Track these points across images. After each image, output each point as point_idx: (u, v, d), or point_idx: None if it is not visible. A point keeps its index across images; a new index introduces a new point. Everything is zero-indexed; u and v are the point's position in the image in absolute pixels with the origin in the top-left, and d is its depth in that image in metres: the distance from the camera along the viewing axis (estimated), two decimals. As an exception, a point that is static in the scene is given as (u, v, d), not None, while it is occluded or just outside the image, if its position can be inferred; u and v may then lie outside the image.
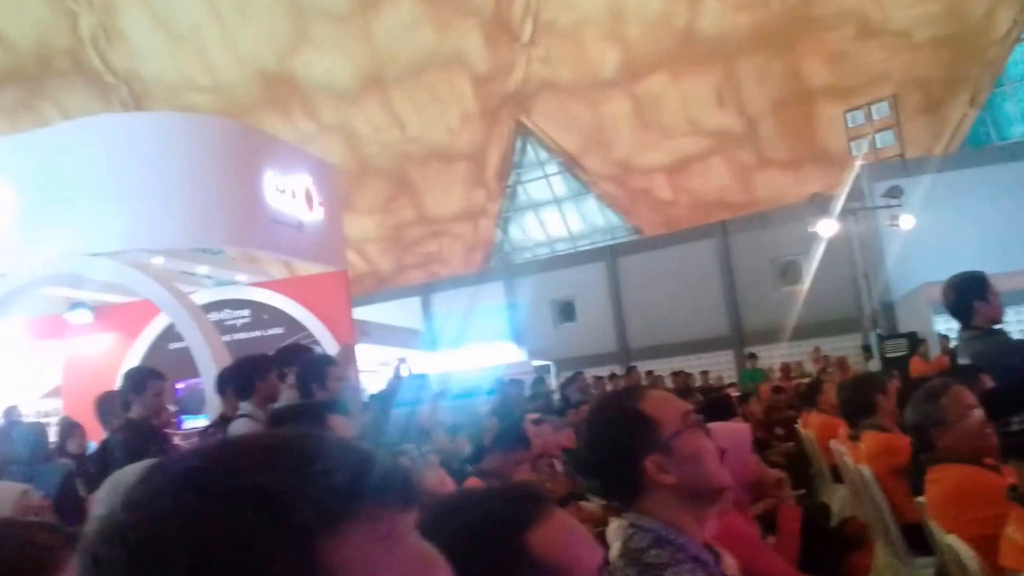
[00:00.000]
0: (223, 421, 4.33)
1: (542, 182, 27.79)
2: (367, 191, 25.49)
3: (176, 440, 5.42)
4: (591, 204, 27.50)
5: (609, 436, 1.65)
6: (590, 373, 13.04)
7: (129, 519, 0.52)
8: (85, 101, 23.20)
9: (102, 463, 4.42)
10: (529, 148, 27.39)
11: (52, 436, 6.42)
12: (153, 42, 23.84)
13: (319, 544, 0.51)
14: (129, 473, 2.14)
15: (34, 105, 23.61)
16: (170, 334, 10.85)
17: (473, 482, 3.82)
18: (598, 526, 1.47)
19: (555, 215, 28.16)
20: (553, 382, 15.10)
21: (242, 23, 23.31)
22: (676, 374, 13.77)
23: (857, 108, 17.70)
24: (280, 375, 4.25)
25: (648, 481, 1.58)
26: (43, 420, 9.83)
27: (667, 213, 25.30)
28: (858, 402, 4.37)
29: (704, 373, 15.35)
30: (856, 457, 4.18)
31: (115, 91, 24.58)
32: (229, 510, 0.50)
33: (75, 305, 11.68)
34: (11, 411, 7.69)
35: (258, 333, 11.18)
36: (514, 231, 28.78)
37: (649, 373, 14.04)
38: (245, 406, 4.11)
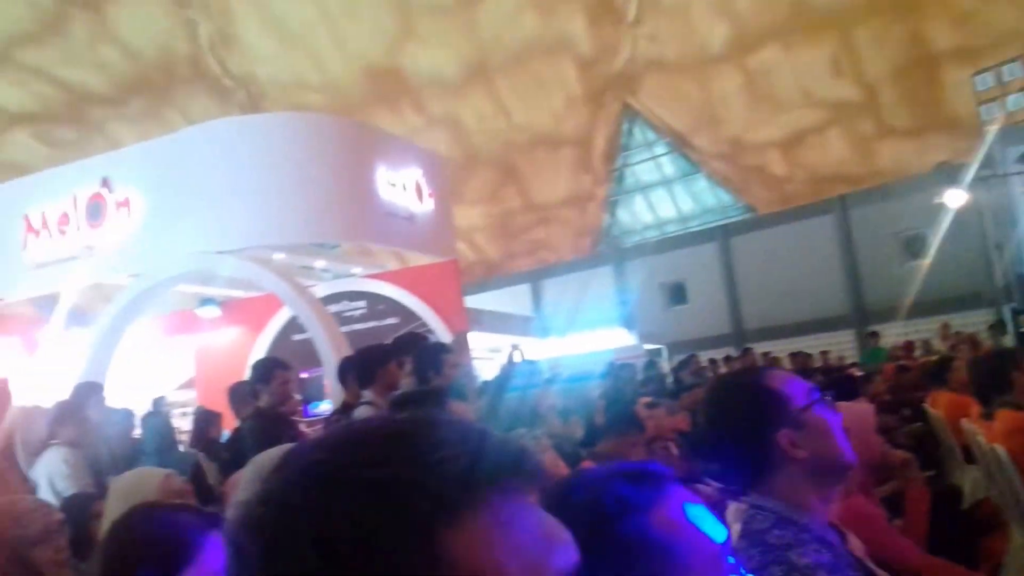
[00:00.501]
0: (346, 408, 4.48)
1: (650, 163, 27.40)
2: (474, 180, 25.76)
3: (303, 427, 5.65)
4: (702, 184, 26.94)
5: (739, 412, 1.61)
6: (703, 356, 12.82)
7: (263, 512, 0.55)
8: (206, 106, 24.33)
9: (234, 450, 4.66)
10: (636, 130, 27.04)
11: (187, 425, 6.86)
12: (267, 45, 24.79)
13: (440, 535, 0.52)
14: (268, 458, 2.24)
15: (160, 113, 24.92)
16: (293, 326, 11.29)
17: (587, 465, 3.83)
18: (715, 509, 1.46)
19: (664, 196, 27.73)
20: (665, 365, 14.92)
21: (350, 21, 23.93)
22: (794, 355, 13.29)
23: (986, 70, 16.69)
24: (398, 363, 4.35)
25: (779, 457, 1.55)
26: (181, 411, 10.45)
27: (782, 190, 24.53)
28: (992, 379, 4.16)
29: (824, 353, 14.79)
30: (989, 436, 3.97)
31: (233, 95, 25.69)
32: (353, 504, 0.52)
33: (204, 301, 12.26)
34: (159, 401, 8.21)
35: (374, 323, 11.47)
36: (623, 214, 28.50)
37: (765, 355, 13.65)
38: (367, 394, 4.24)
